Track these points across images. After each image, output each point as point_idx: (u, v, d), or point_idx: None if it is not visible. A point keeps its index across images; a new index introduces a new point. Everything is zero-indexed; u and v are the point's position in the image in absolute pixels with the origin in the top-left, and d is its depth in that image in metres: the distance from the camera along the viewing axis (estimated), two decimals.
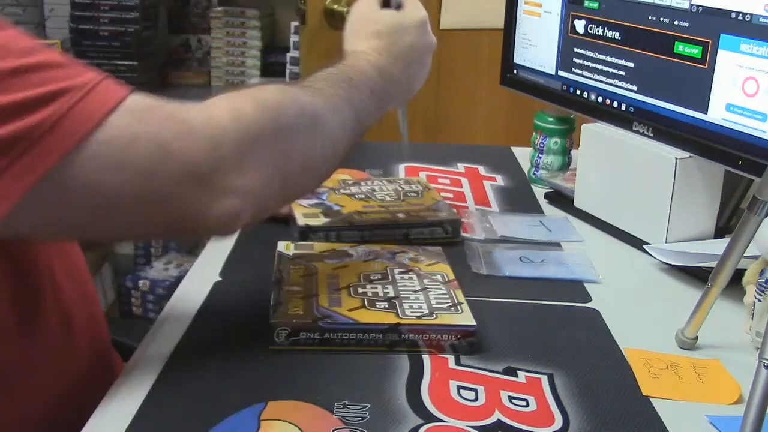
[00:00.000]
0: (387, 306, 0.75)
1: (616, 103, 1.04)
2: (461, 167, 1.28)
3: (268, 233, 0.90)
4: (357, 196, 1.02)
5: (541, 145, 1.21)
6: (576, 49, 1.10)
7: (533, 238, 1.00)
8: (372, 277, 0.80)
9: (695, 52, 0.91)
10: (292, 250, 0.87)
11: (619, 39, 1.02)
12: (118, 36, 2.29)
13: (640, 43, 0.99)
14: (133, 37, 2.29)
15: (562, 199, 1.13)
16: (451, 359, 0.72)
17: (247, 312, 0.78)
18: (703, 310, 0.75)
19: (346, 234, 0.93)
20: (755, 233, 0.68)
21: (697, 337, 0.76)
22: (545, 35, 1.15)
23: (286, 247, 0.87)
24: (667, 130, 0.96)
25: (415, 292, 0.78)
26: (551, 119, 1.21)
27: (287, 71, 2.37)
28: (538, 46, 1.17)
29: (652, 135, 0.98)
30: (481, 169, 1.28)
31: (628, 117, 1.02)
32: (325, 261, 0.84)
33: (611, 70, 1.04)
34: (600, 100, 1.07)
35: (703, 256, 0.88)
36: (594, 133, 1.06)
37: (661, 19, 0.95)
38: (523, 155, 1.33)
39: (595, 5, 1.05)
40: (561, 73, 1.13)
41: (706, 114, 0.91)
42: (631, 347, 0.75)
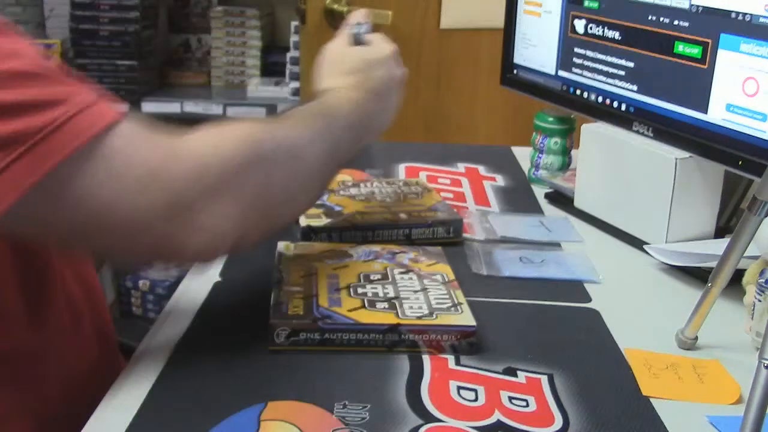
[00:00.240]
0: (387, 306, 0.75)
1: (616, 103, 1.04)
2: (461, 167, 1.28)
3: None
4: (357, 198, 1.02)
5: (541, 145, 1.21)
6: (576, 49, 1.10)
7: (533, 238, 1.00)
8: (372, 278, 0.80)
9: (695, 52, 0.91)
10: (292, 250, 0.87)
11: (619, 39, 1.02)
12: (118, 36, 2.28)
13: (640, 42, 0.99)
14: (133, 37, 2.28)
15: (562, 199, 1.13)
16: (451, 359, 0.72)
17: (247, 312, 0.78)
18: (703, 310, 0.74)
19: (348, 234, 0.93)
20: (755, 233, 0.68)
21: (697, 337, 0.76)
22: (545, 35, 1.15)
23: (286, 247, 0.87)
24: (667, 130, 0.96)
25: (415, 292, 0.78)
26: (551, 119, 1.21)
27: (287, 71, 2.37)
28: (538, 46, 1.17)
29: (652, 135, 0.98)
30: (481, 169, 1.28)
31: (628, 117, 1.02)
32: (325, 261, 0.84)
33: (611, 70, 1.04)
34: (600, 100, 1.07)
35: (703, 256, 0.88)
36: (594, 133, 1.06)
37: (661, 18, 0.95)
38: (523, 155, 1.33)
39: (595, 5, 1.05)
40: (561, 73, 1.13)
41: (706, 114, 0.91)
42: (631, 347, 0.75)
